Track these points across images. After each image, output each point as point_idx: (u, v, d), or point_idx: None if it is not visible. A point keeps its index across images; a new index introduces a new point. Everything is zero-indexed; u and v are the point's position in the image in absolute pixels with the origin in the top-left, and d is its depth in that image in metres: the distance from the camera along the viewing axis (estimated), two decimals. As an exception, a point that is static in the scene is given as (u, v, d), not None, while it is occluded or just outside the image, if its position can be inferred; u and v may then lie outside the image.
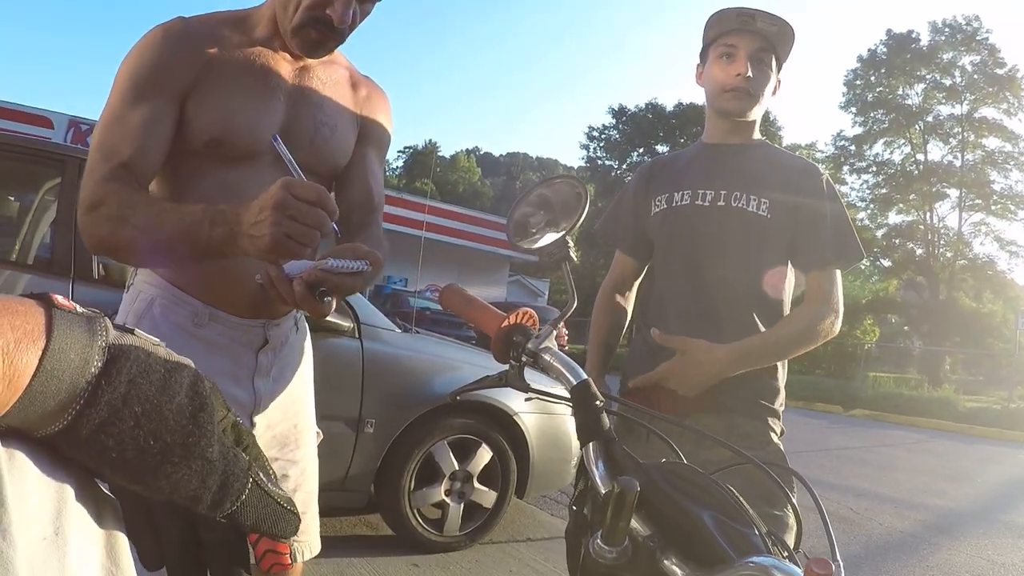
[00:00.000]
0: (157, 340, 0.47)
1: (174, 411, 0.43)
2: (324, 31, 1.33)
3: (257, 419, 1.41)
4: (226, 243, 1.13)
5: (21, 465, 0.40)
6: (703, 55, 1.82)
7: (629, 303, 2.00)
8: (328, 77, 1.48)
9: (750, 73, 1.69)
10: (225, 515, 0.47)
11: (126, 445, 0.41)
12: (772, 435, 1.67)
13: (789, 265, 1.75)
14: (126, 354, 0.43)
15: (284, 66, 1.40)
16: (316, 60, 1.45)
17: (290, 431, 1.51)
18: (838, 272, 1.71)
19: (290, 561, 0.41)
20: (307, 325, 1.61)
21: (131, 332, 0.45)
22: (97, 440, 0.41)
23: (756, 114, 1.77)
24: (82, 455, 0.42)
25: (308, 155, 1.40)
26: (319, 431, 1.62)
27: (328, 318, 1.48)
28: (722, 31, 1.74)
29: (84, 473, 0.45)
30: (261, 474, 0.49)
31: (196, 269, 1.33)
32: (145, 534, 0.49)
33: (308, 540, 1.57)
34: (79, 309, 0.43)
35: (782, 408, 1.72)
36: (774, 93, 1.79)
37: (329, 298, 1.14)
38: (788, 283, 1.74)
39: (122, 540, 0.46)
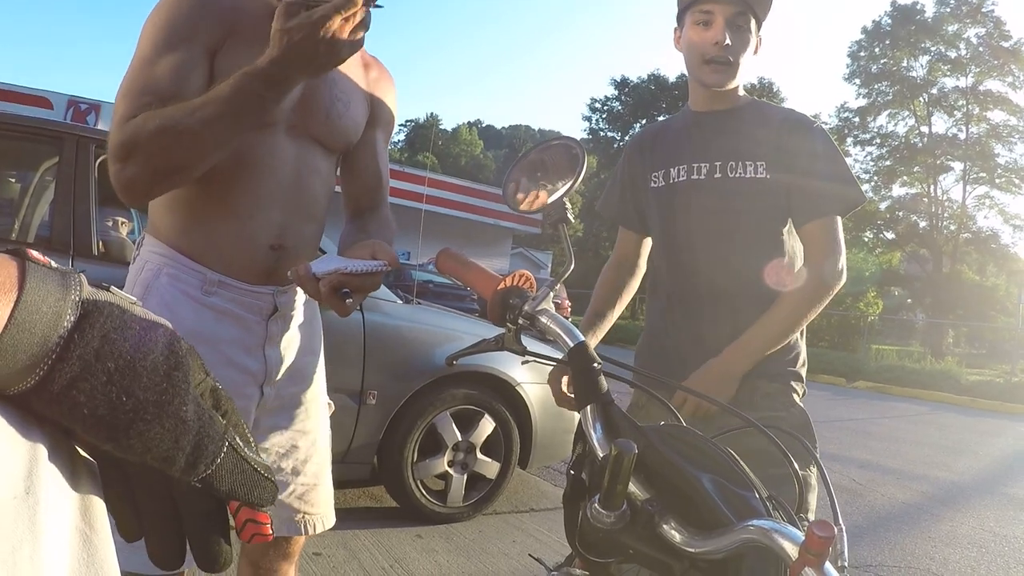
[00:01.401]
0: (134, 299, 0.46)
1: (148, 368, 0.42)
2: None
3: (267, 388, 1.40)
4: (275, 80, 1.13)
5: None
6: (680, 19, 1.75)
7: (635, 278, 1.95)
8: None
9: (728, 41, 1.64)
10: (200, 479, 0.45)
11: (98, 401, 0.40)
12: (795, 396, 1.65)
13: (791, 226, 1.69)
14: (100, 310, 0.42)
15: None
16: None
17: (300, 401, 1.50)
18: (838, 219, 1.64)
19: (270, 532, 0.40)
20: None
21: (107, 290, 0.44)
22: (69, 396, 0.40)
23: (738, 81, 1.73)
24: (54, 412, 0.41)
25: (323, 128, 1.39)
26: (330, 402, 1.60)
27: None
28: None
29: (59, 433, 0.43)
30: (238, 439, 0.48)
31: (205, 235, 1.31)
32: (124, 505, 0.48)
33: (321, 513, 1.57)
34: (53, 264, 0.42)
35: (804, 369, 1.70)
36: (756, 52, 1.73)
37: (351, 299, 1.16)
38: (796, 248, 1.70)
39: (98, 503, 0.45)
